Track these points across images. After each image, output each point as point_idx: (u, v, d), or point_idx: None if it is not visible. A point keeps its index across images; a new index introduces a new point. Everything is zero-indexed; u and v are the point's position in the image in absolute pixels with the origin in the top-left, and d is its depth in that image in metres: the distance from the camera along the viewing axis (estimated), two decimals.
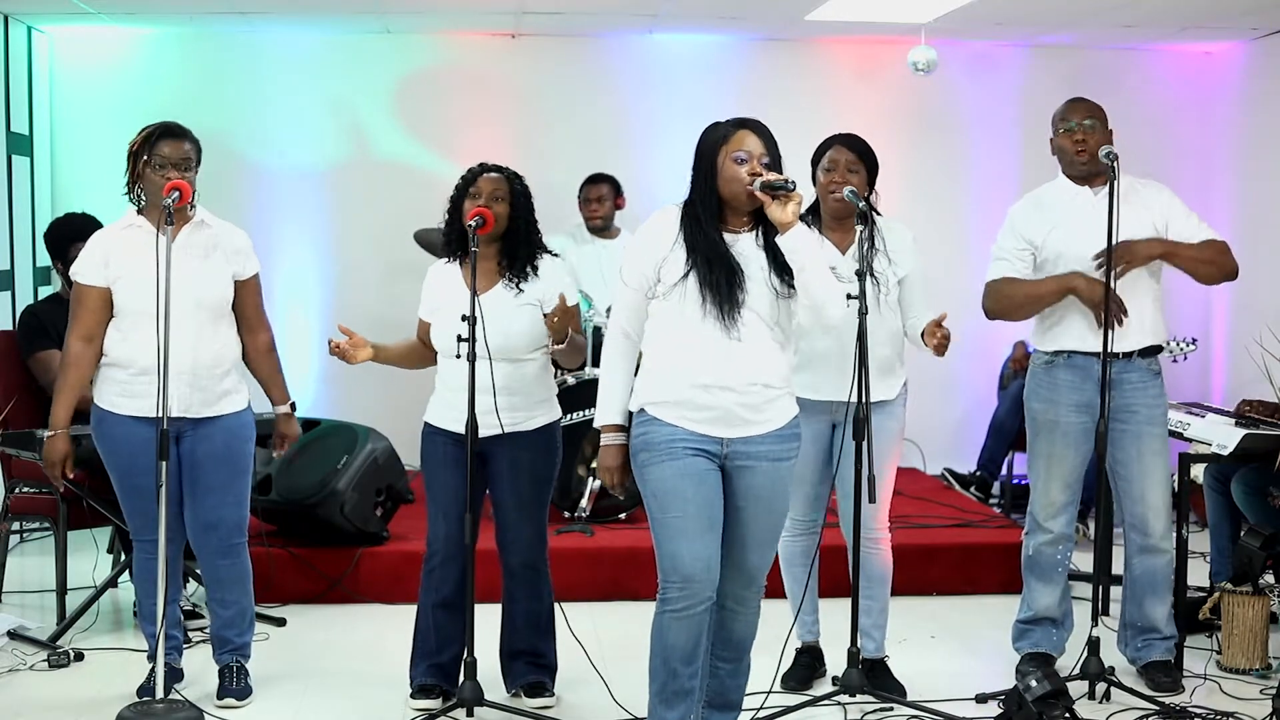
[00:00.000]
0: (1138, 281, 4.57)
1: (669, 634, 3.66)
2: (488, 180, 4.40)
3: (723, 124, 3.73)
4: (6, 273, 6.82)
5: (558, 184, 7.39)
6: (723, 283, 3.62)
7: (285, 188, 7.60)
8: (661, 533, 3.67)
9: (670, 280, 3.66)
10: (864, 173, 4.47)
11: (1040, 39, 7.69)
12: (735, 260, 3.66)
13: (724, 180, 3.66)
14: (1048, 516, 4.71)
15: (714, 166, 3.67)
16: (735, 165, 3.64)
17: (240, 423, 4.46)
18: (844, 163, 4.46)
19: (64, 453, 4.37)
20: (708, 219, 3.67)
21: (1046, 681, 4.14)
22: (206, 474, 4.40)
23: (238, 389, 4.47)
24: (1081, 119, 4.61)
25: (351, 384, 7.48)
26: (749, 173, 3.63)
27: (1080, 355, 4.61)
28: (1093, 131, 4.59)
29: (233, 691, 4.48)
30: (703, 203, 3.69)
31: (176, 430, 4.32)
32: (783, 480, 3.76)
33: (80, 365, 4.34)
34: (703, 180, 3.70)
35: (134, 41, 7.52)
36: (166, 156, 4.28)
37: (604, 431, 3.82)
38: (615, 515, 6.16)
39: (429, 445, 4.44)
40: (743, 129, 3.69)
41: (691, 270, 3.64)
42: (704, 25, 7.49)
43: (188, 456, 4.39)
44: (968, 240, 7.77)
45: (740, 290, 3.63)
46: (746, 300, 3.64)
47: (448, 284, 4.42)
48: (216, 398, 4.40)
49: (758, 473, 3.71)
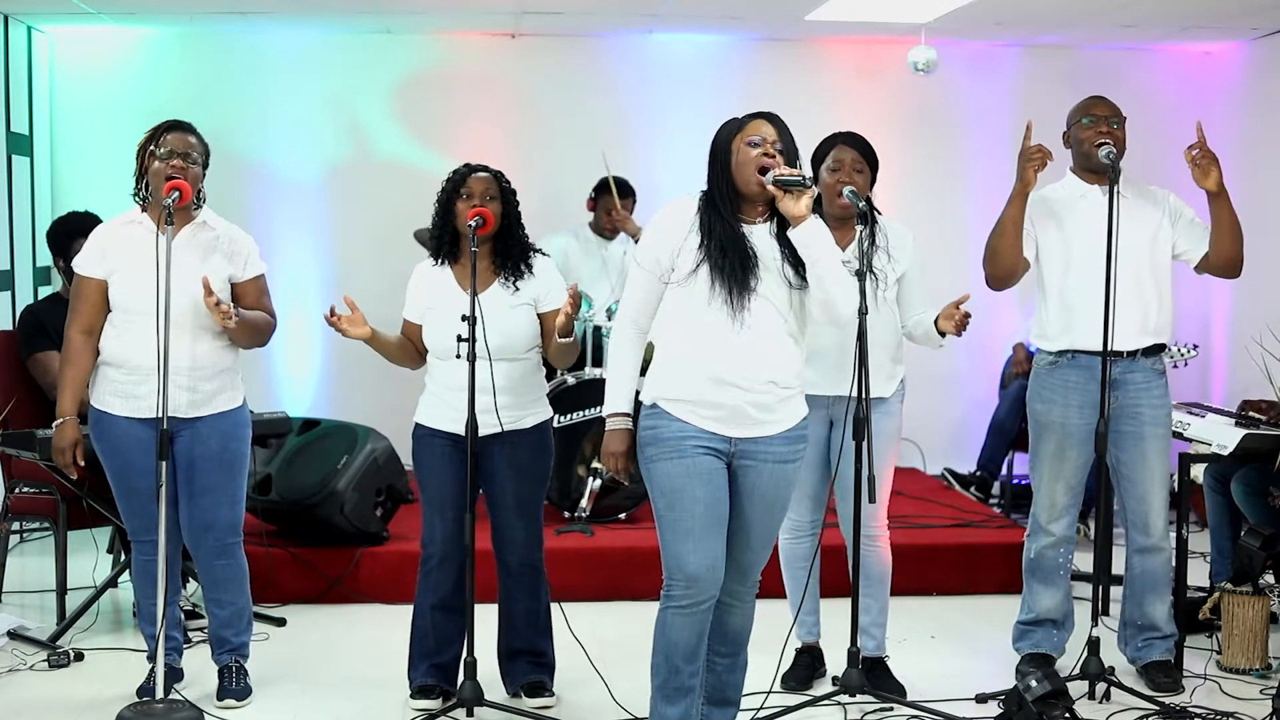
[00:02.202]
0: (1142, 279, 4.56)
1: (672, 630, 3.67)
2: (479, 180, 4.40)
3: (739, 117, 3.75)
4: (6, 273, 6.82)
5: (558, 184, 7.42)
6: (736, 268, 3.62)
7: (285, 188, 7.60)
8: (668, 531, 3.67)
9: (685, 268, 3.66)
10: (868, 172, 4.49)
11: (1040, 39, 7.69)
12: (750, 248, 3.66)
13: (738, 164, 3.67)
14: (1050, 519, 4.70)
15: (728, 153, 3.69)
16: (749, 149, 3.66)
17: (234, 422, 4.45)
18: (849, 162, 4.46)
19: (73, 439, 4.36)
20: (725, 208, 3.69)
21: (1046, 682, 4.14)
22: (202, 475, 4.40)
23: (232, 388, 4.46)
24: (1107, 113, 4.61)
25: (351, 384, 7.50)
26: (761, 154, 3.64)
27: (1085, 355, 4.60)
28: (1116, 128, 4.59)
29: (232, 692, 4.48)
30: (719, 192, 3.70)
31: (172, 431, 4.31)
32: (787, 480, 3.76)
33: (82, 358, 4.37)
34: (718, 169, 3.71)
35: (134, 41, 7.52)
36: (171, 145, 4.31)
37: (610, 418, 3.80)
38: (615, 515, 6.16)
39: (423, 447, 4.42)
40: (758, 118, 3.72)
41: (705, 258, 3.64)
42: (704, 25, 7.49)
43: (183, 457, 4.39)
44: (967, 240, 7.75)
45: (753, 277, 3.63)
46: (759, 288, 3.64)
47: (440, 285, 4.40)
48: (208, 398, 4.39)
49: (762, 473, 3.71)
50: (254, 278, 4.49)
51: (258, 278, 4.51)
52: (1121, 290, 4.42)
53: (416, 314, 4.44)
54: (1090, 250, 4.56)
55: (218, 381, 4.41)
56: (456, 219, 4.37)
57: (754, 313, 3.63)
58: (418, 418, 4.45)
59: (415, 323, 4.44)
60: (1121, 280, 4.42)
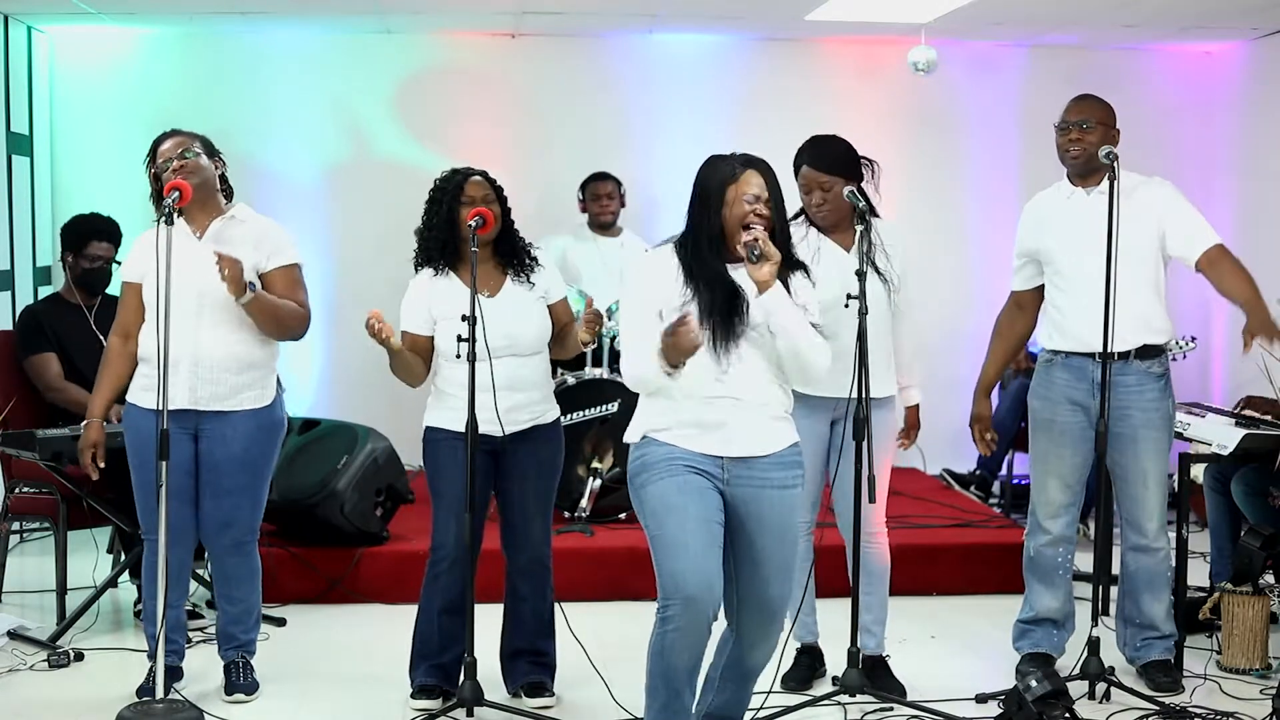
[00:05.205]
0: (1137, 278, 4.55)
1: (671, 655, 3.59)
2: (475, 184, 4.42)
3: (727, 160, 3.67)
4: (6, 273, 6.82)
5: (558, 184, 7.41)
6: (722, 304, 3.57)
7: (285, 188, 7.59)
8: (661, 550, 3.59)
9: (672, 317, 3.54)
10: (840, 182, 4.40)
11: (1040, 39, 7.69)
12: (736, 286, 3.62)
13: (731, 216, 3.61)
14: (1046, 516, 4.72)
15: (722, 200, 3.62)
16: (744, 203, 3.61)
17: (260, 424, 4.43)
18: (816, 184, 4.42)
19: (95, 441, 4.42)
20: (709, 250, 3.64)
21: (1046, 681, 4.14)
22: (226, 476, 4.40)
23: (261, 385, 4.44)
24: (1076, 118, 4.61)
25: (351, 384, 7.50)
26: (754, 213, 3.59)
27: (1076, 356, 4.62)
28: (1087, 131, 4.58)
29: (241, 686, 4.49)
30: (706, 234, 3.64)
31: (194, 425, 4.35)
32: (792, 508, 3.72)
33: (117, 361, 4.45)
34: (709, 213, 3.64)
35: (134, 41, 7.52)
36: (167, 154, 4.37)
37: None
38: (615, 515, 6.16)
39: (441, 449, 4.36)
40: (750, 169, 3.65)
41: (693, 297, 3.60)
42: (704, 25, 7.49)
43: (206, 457, 4.40)
44: (967, 240, 7.79)
45: (739, 318, 3.59)
46: (749, 321, 3.60)
47: (447, 292, 4.38)
48: (233, 391, 4.39)
49: (762, 500, 3.66)
50: (281, 267, 4.46)
51: (287, 268, 4.48)
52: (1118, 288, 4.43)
53: (422, 325, 4.39)
54: (1077, 253, 4.57)
55: (244, 376, 4.40)
56: (461, 227, 4.36)
57: (739, 356, 3.59)
58: (434, 421, 4.41)
59: (420, 334, 4.40)
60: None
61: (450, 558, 4.38)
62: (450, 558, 4.38)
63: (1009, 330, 4.92)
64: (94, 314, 5.63)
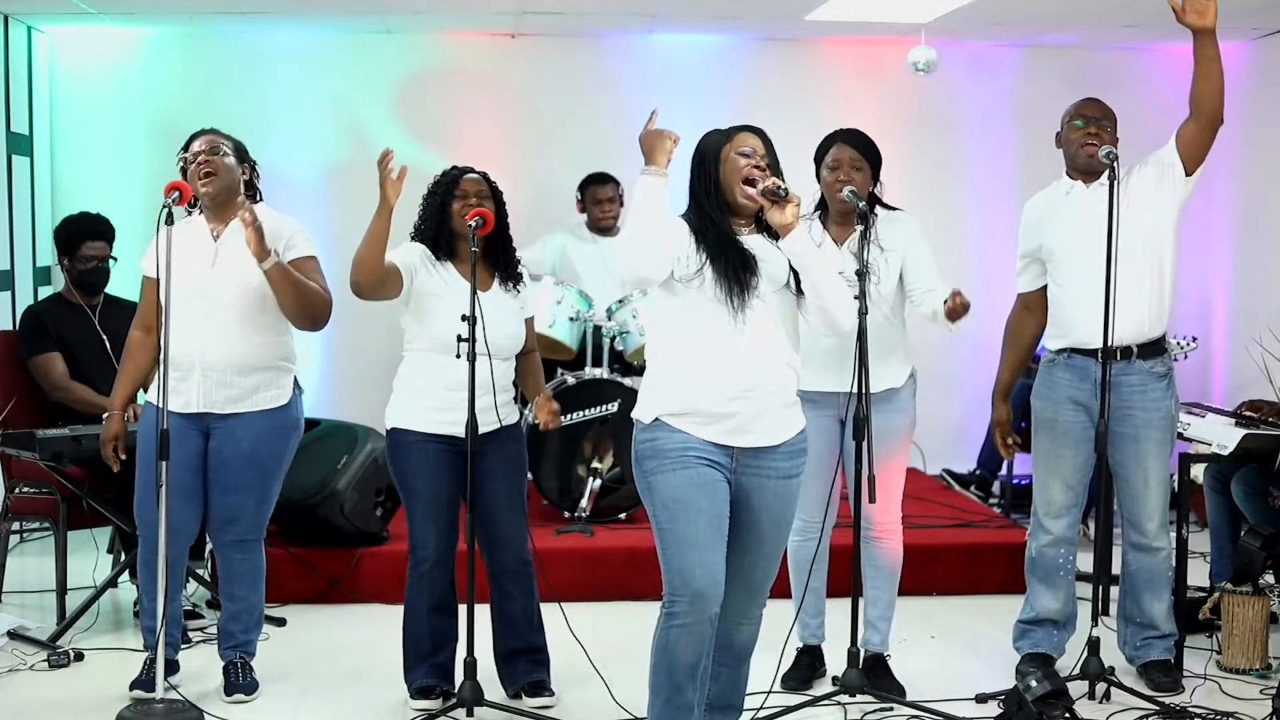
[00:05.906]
0: (1140, 269, 4.55)
1: (676, 649, 3.60)
2: (471, 181, 4.43)
3: (723, 128, 3.74)
4: (6, 273, 6.81)
5: (558, 184, 7.40)
6: (738, 266, 3.59)
7: (285, 188, 7.57)
8: (670, 545, 3.60)
9: (687, 273, 3.60)
10: (868, 169, 4.49)
11: (1040, 39, 7.69)
12: (746, 248, 3.64)
13: (727, 173, 3.66)
14: (1047, 515, 4.72)
15: (717, 161, 3.68)
16: (739, 158, 3.66)
17: (272, 423, 4.44)
18: (847, 160, 4.48)
19: (116, 433, 4.46)
20: (716, 214, 3.67)
21: (1046, 681, 4.14)
22: (232, 473, 4.41)
23: (277, 386, 4.46)
24: (1097, 114, 4.64)
25: (351, 384, 7.50)
26: (751, 166, 3.64)
27: (1079, 354, 4.62)
28: (1105, 130, 4.61)
29: (241, 686, 4.49)
30: (708, 199, 3.68)
31: (206, 423, 4.38)
32: (792, 497, 3.75)
33: (137, 353, 4.50)
34: (707, 178, 3.69)
35: (134, 41, 7.52)
36: (199, 147, 4.43)
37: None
38: (615, 515, 6.16)
39: (411, 452, 4.35)
40: (744, 130, 3.71)
41: (707, 259, 3.61)
42: (704, 25, 7.49)
43: (215, 455, 4.41)
44: (967, 239, 7.78)
45: (754, 276, 3.61)
46: (759, 287, 3.61)
47: (445, 278, 4.40)
48: (247, 393, 4.40)
49: (767, 491, 3.68)
50: (296, 260, 4.46)
51: (303, 260, 4.49)
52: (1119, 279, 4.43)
53: (405, 265, 4.34)
54: (1077, 248, 4.58)
55: (259, 377, 4.42)
56: (453, 220, 4.38)
57: (753, 313, 3.60)
58: (399, 422, 4.38)
59: (399, 266, 4.33)
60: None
61: (431, 559, 4.39)
62: (431, 559, 4.39)
63: (1019, 332, 4.91)
64: (98, 314, 5.63)
